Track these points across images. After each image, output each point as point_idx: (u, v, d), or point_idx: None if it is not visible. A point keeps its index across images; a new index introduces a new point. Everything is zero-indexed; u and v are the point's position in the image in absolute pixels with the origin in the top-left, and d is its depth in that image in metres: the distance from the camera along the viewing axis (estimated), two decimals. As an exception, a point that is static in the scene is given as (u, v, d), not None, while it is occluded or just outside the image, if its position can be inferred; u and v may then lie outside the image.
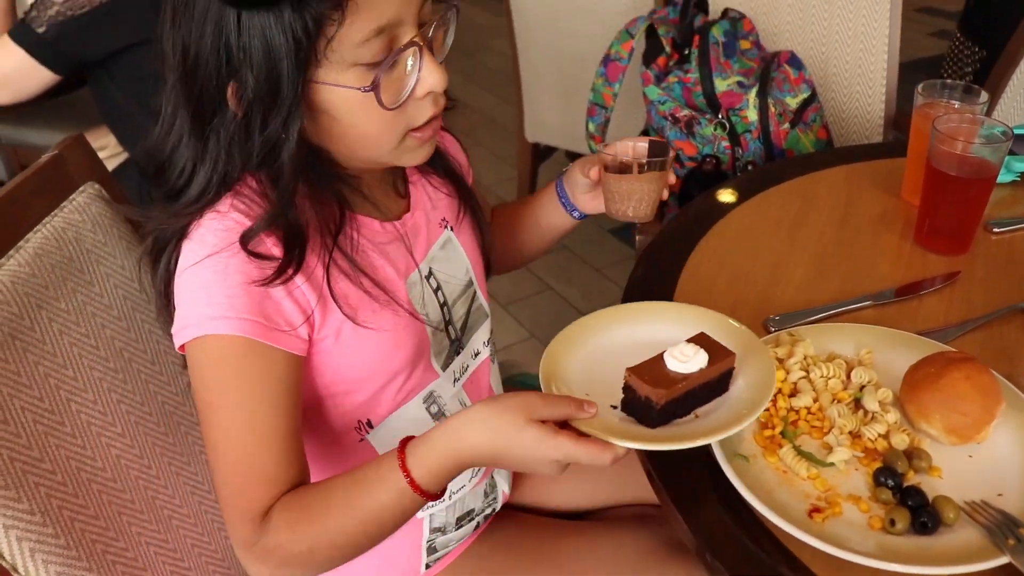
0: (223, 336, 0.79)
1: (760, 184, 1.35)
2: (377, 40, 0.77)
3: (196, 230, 0.82)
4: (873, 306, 1.07)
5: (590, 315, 0.96)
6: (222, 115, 0.79)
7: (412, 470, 0.78)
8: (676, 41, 1.64)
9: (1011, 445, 0.85)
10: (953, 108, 1.25)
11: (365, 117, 0.81)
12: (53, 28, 1.62)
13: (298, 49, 0.74)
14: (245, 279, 0.79)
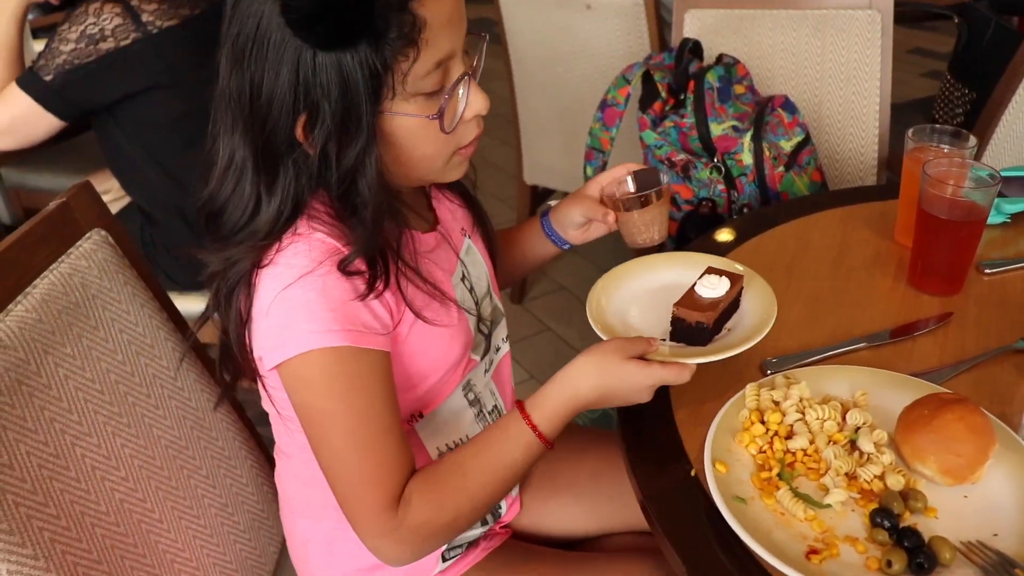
0: (331, 348, 0.85)
1: (755, 227, 1.37)
2: (436, 72, 0.85)
3: (278, 256, 0.87)
4: (868, 348, 1.09)
5: (608, 274, 1.15)
6: (292, 149, 0.85)
7: (538, 424, 0.92)
8: (672, 86, 1.67)
9: (1006, 485, 0.86)
10: (942, 152, 1.28)
11: (424, 141, 0.89)
12: (60, 76, 1.65)
13: (373, 83, 0.81)
14: (344, 295, 0.86)
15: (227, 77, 0.86)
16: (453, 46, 0.86)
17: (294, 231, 0.87)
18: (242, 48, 0.83)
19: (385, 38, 0.79)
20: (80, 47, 1.63)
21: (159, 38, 1.66)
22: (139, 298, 1.05)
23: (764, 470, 0.88)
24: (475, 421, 1.07)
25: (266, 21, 0.80)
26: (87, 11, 1.64)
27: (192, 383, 1.09)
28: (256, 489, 1.17)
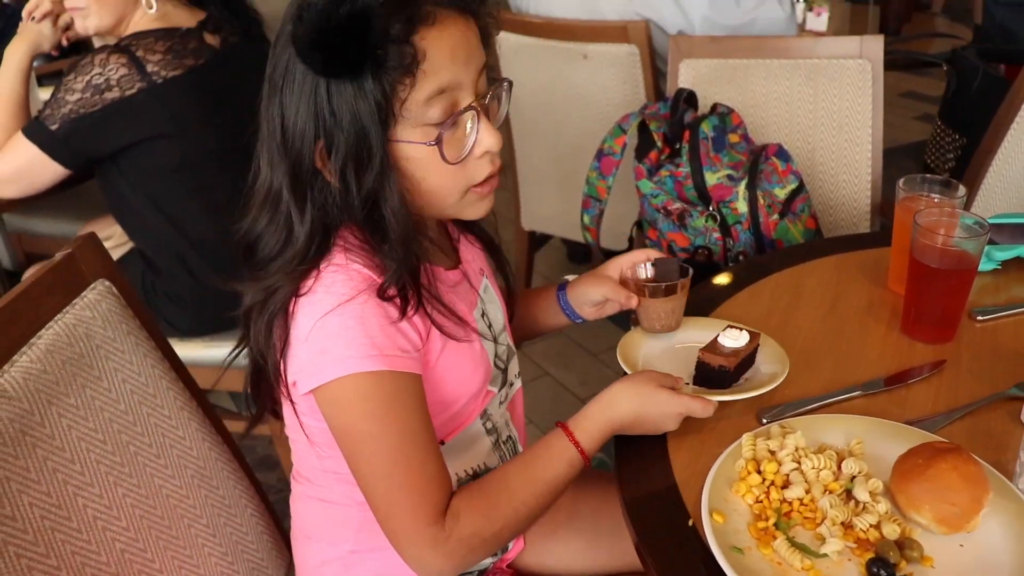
0: (368, 373, 0.89)
1: (751, 275, 1.39)
2: (439, 100, 0.90)
3: (317, 284, 0.91)
4: (863, 396, 1.10)
5: (635, 330, 1.24)
6: (316, 176, 0.91)
7: (580, 440, 0.98)
8: (667, 136, 1.70)
9: (1001, 533, 0.87)
10: (933, 202, 1.30)
11: (432, 172, 0.93)
12: (65, 125, 1.68)
13: (379, 111, 0.87)
14: (380, 322, 0.90)
15: (264, 111, 0.92)
16: (457, 78, 0.90)
17: (330, 261, 0.92)
18: (275, 82, 0.90)
19: (385, 67, 0.85)
20: (85, 97, 1.66)
21: (163, 88, 1.69)
22: (142, 348, 1.06)
23: (761, 520, 0.89)
24: (492, 450, 1.11)
25: (290, 56, 0.88)
26: (92, 61, 1.67)
27: (194, 432, 1.10)
28: (256, 537, 1.17)
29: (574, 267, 3.29)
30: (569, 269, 3.29)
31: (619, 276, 1.23)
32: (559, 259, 3.34)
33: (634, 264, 1.23)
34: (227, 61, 1.80)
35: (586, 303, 1.24)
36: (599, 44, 2.20)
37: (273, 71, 0.91)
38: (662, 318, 1.20)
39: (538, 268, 3.16)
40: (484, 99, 0.95)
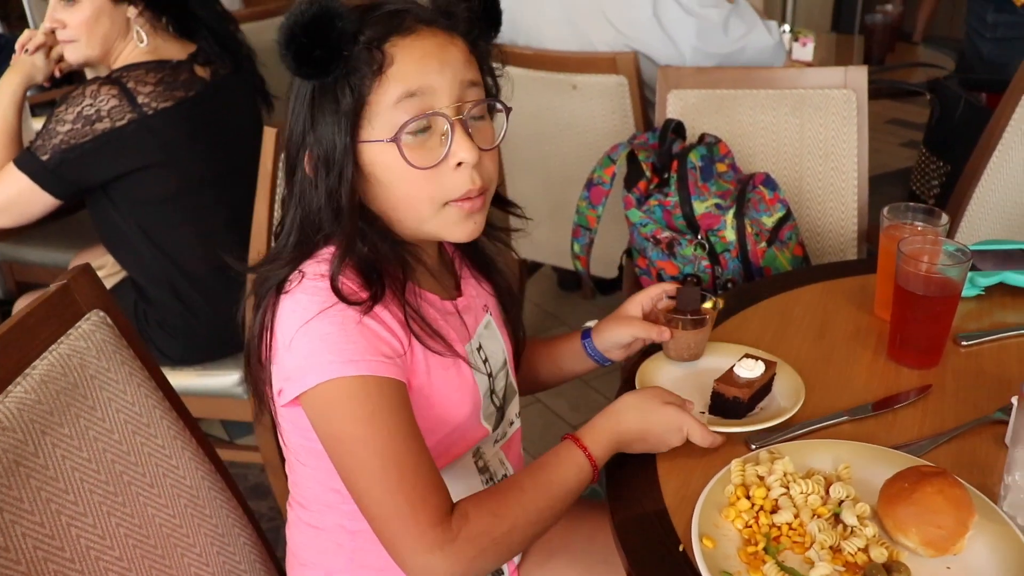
0: (352, 377, 0.90)
1: (739, 302, 1.40)
2: (408, 103, 0.92)
3: (299, 289, 0.94)
4: (850, 421, 1.11)
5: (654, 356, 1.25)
6: (302, 177, 0.97)
7: (589, 447, 0.99)
8: (656, 166, 1.72)
9: (986, 556, 0.88)
10: (916, 230, 1.32)
11: (400, 177, 0.95)
12: (56, 156, 1.69)
13: (348, 112, 0.92)
14: (364, 327, 0.92)
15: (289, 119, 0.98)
16: (428, 82, 0.93)
17: (317, 269, 0.95)
18: (291, 93, 0.97)
19: (352, 69, 0.91)
20: (76, 127, 1.68)
21: (154, 119, 1.71)
22: (136, 377, 1.07)
23: (750, 544, 0.90)
24: (482, 487, 1.10)
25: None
26: (84, 93, 1.69)
27: (187, 461, 1.11)
28: (249, 566, 1.17)
29: (565, 295, 3.31)
30: (560, 297, 3.31)
31: (643, 312, 1.24)
32: (550, 286, 3.36)
33: (654, 299, 1.24)
34: (218, 92, 1.82)
35: (614, 346, 1.24)
36: (588, 75, 2.23)
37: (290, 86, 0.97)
38: (691, 348, 1.22)
39: (529, 295, 3.18)
40: (465, 108, 0.96)
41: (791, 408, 1.11)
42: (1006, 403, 1.11)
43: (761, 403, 1.14)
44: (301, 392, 0.92)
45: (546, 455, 0.99)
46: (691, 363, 1.23)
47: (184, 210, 1.83)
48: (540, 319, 3.17)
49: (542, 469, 0.98)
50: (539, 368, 1.31)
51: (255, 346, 0.99)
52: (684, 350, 1.22)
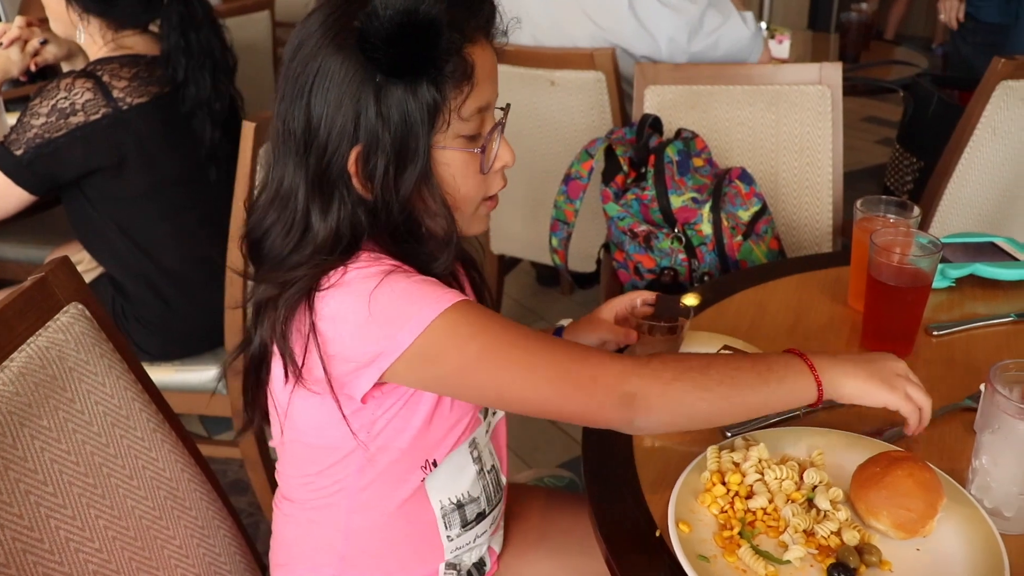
0: (444, 312, 0.88)
1: (715, 295, 1.42)
2: (477, 117, 0.94)
3: (347, 276, 0.90)
4: (824, 409, 1.13)
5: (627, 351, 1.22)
6: (344, 178, 0.92)
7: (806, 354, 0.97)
8: (633, 160, 1.73)
9: (954, 537, 0.90)
10: (888, 222, 1.34)
11: (465, 179, 0.96)
12: (31, 150, 1.68)
13: (430, 114, 0.89)
14: (424, 279, 0.91)
15: (285, 111, 0.92)
16: (490, 98, 0.95)
17: (357, 260, 0.92)
18: (302, 86, 0.90)
19: (443, 74, 0.89)
20: (51, 121, 1.66)
21: (129, 114, 1.70)
22: (115, 370, 1.07)
23: (726, 529, 0.92)
24: (476, 479, 1.10)
25: (330, 60, 0.89)
26: (59, 86, 1.68)
27: (167, 454, 1.11)
28: (229, 559, 1.17)
29: (544, 290, 3.32)
30: (539, 292, 3.32)
31: (614, 317, 1.26)
32: (529, 282, 3.37)
33: (631, 305, 1.26)
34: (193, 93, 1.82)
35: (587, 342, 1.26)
36: (566, 71, 2.24)
37: (300, 72, 0.91)
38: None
39: (508, 291, 3.19)
40: (502, 119, 0.99)
41: None
42: (975, 391, 1.13)
43: None
44: (397, 356, 0.88)
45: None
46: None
47: (160, 206, 1.82)
48: (519, 314, 3.18)
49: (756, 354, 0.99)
50: None
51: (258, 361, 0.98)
52: None
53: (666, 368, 0.91)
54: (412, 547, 1.08)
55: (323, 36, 0.90)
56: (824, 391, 0.95)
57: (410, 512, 1.05)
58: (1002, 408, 0.91)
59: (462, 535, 1.09)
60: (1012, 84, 1.99)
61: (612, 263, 1.81)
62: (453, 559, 1.11)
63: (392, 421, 0.98)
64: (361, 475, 1.02)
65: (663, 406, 0.91)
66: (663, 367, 0.91)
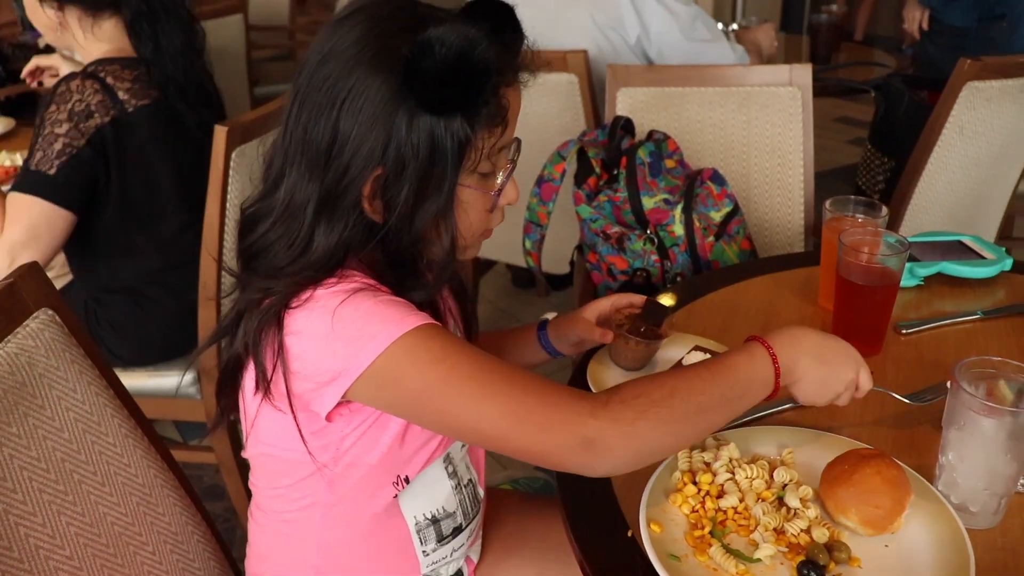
0: (406, 334, 0.86)
1: (688, 295, 1.43)
2: (498, 155, 0.94)
3: (315, 295, 0.89)
4: (794, 408, 1.14)
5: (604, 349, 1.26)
6: (359, 200, 0.90)
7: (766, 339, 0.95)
8: (605, 162, 1.74)
9: (922, 533, 0.91)
10: (857, 222, 1.36)
11: (471, 217, 0.95)
12: (62, 168, 1.63)
13: (459, 150, 0.88)
14: (390, 298, 0.89)
15: (307, 122, 0.89)
16: (510, 141, 0.95)
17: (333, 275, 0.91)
18: (331, 102, 0.87)
19: (479, 113, 0.88)
20: (72, 126, 1.63)
21: (133, 117, 1.69)
22: (86, 376, 1.06)
23: (697, 528, 0.92)
24: (452, 493, 1.09)
25: (365, 81, 0.86)
26: (69, 88, 1.65)
27: (139, 459, 1.10)
28: (203, 564, 1.17)
29: (519, 292, 3.33)
30: (513, 294, 3.33)
31: (597, 317, 1.26)
32: (504, 284, 3.37)
33: (617, 308, 1.26)
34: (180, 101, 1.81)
35: (565, 343, 1.27)
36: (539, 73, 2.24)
37: (326, 85, 0.88)
38: (635, 361, 1.22)
39: (483, 293, 3.19)
40: (513, 156, 0.98)
41: None
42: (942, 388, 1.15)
43: None
44: (357, 376, 0.86)
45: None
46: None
47: (144, 212, 1.81)
48: (495, 317, 3.18)
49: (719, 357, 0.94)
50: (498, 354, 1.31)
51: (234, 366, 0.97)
52: (629, 361, 1.23)
53: (627, 408, 0.85)
54: (387, 561, 1.07)
55: (361, 52, 0.87)
56: (779, 390, 0.95)
57: (383, 527, 1.04)
58: (967, 405, 0.92)
59: (438, 549, 1.08)
60: (978, 85, 2.02)
61: (585, 265, 1.82)
62: (430, 572, 1.10)
63: (362, 439, 0.96)
64: (331, 490, 1.01)
65: (626, 448, 0.85)
66: (624, 407, 0.85)
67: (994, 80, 2.03)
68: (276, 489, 1.05)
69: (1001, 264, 1.43)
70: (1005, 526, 0.95)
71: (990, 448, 0.92)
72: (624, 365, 1.23)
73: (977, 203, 2.29)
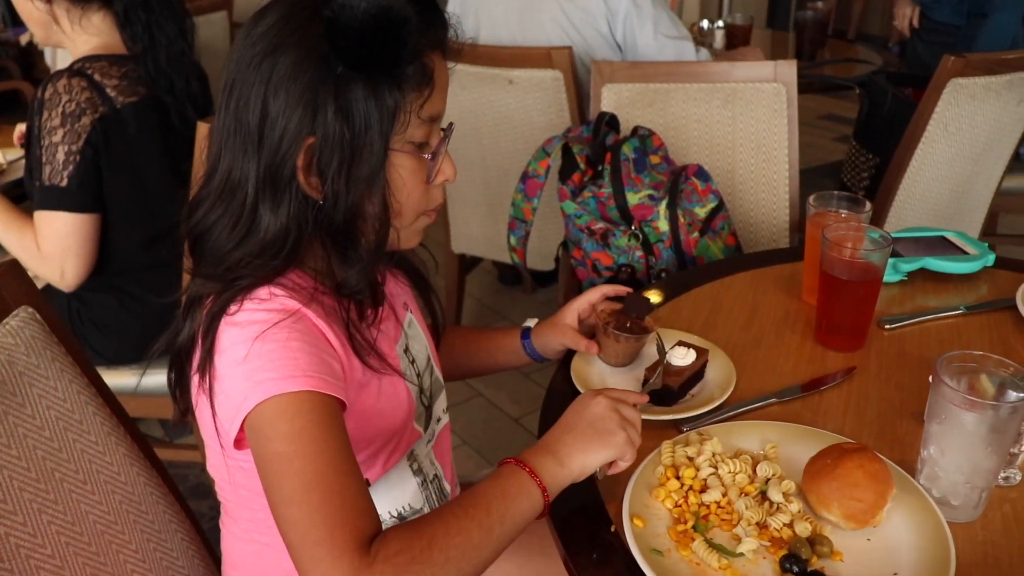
0: (290, 393, 0.84)
1: (672, 291, 1.43)
2: (429, 125, 0.94)
3: (241, 315, 0.88)
4: (778, 403, 1.14)
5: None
6: (294, 175, 0.89)
7: (523, 457, 0.90)
8: (590, 158, 1.74)
9: (904, 526, 0.92)
10: (840, 217, 1.36)
11: (410, 187, 0.95)
12: (73, 176, 1.65)
13: (388, 115, 0.88)
14: (305, 344, 0.87)
15: (238, 100, 0.89)
16: (442, 109, 0.95)
17: (256, 295, 0.89)
18: (263, 73, 0.88)
19: (406, 75, 0.88)
20: (67, 129, 1.64)
21: (122, 113, 1.69)
22: (67, 374, 1.05)
23: (680, 523, 0.92)
24: (419, 490, 1.09)
25: (292, 42, 0.87)
26: (57, 90, 1.64)
27: (122, 458, 1.09)
28: (187, 562, 1.16)
29: (505, 289, 3.33)
30: (500, 292, 3.32)
31: (577, 319, 1.26)
32: (490, 282, 3.37)
33: (590, 305, 1.26)
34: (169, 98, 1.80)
35: (550, 351, 1.27)
36: (524, 70, 2.25)
37: (255, 63, 0.88)
38: (622, 358, 1.22)
39: (469, 290, 3.19)
40: (449, 132, 0.99)
41: (721, 396, 1.13)
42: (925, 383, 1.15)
43: (692, 390, 1.17)
44: (244, 418, 0.85)
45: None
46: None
47: (132, 212, 1.80)
48: (480, 314, 3.18)
49: (467, 493, 0.87)
50: (473, 357, 1.31)
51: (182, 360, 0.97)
52: (615, 358, 1.22)
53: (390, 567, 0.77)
54: None
55: (285, 27, 0.88)
56: (550, 494, 0.89)
57: None
58: (948, 399, 0.92)
59: None
60: (961, 82, 2.03)
61: (570, 261, 1.82)
62: None
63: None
64: None
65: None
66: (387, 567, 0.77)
67: (978, 77, 2.04)
68: (239, 495, 1.04)
69: (984, 260, 1.44)
70: (986, 519, 0.95)
71: (971, 442, 0.92)
72: (612, 362, 1.23)
73: (961, 199, 2.30)
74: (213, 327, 0.90)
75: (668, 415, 1.10)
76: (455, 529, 0.82)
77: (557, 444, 0.92)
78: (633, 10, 2.29)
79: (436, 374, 1.16)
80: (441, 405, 1.16)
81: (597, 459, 0.92)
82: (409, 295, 1.15)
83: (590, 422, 0.93)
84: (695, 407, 1.12)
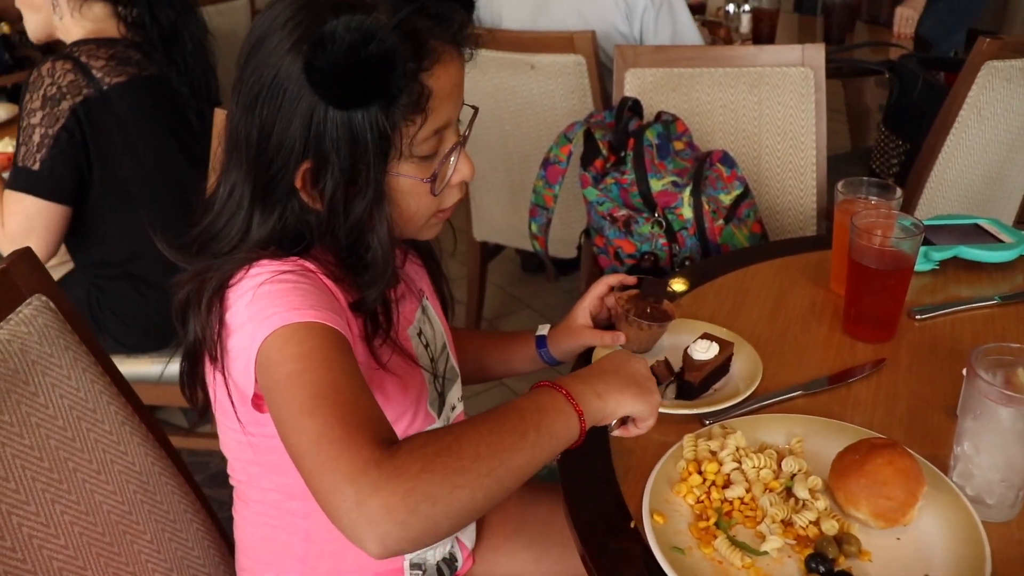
0: (298, 323, 0.82)
1: (696, 279, 1.40)
2: (434, 138, 0.91)
3: (246, 280, 0.88)
4: (804, 395, 1.11)
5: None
6: (291, 193, 0.89)
7: (558, 381, 0.86)
8: (612, 144, 1.71)
9: (935, 526, 0.89)
10: (870, 204, 1.33)
11: (415, 200, 0.94)
12: (46, 160, 1.64)
13: (382, 143, 0.86)
14: (311, 287, 0.87)
15: (238, 119, 0.89)
16: (451, 116, 0.92)
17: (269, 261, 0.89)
18: (256, 94, 0.87)
19: (396, 103, 0.85)
20: (46, 112, 1.64)
21: (110, 94, 1.68)
22: (81, 363, 1.04)
23: (702, 519, 0.90)
24: None
25: (284, 73, 0.85)
26: (41, 73, 1.65)
27: (136, 447, 1.09)
28: (203, 552, 1.15)
29: (529, 277, 3.30)
30: (523, 279, 3.30)
31: (591, 316, 1.24)
32: (513, 269, 3.35)
33: (599, 299, 1.24)
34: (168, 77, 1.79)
35: (568, 354, 1.25)
36: (546, 55, 2.22)
37: (252, 82, 0.87)
38: (644, 343, 1.20)
39: (491, 278, 3.17)
40: (466, 131, 0.96)
41: (745, 390, 1.11)
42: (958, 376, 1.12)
43: (716, 384, 1.14)
44: (255, 355, 0.82)
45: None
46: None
47: (137, 195, 1.79)
48: (504, 302, 3.16)
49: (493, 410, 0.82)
50: (488, 362, 1.30)
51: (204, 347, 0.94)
52: (639, 344, 1.20)
53: (413, 458, 0.72)
54: None
55: (280, 41, 0.86)
56: (587, 421, 0.84)
57: None
58: (984, 393, 0.89)
59: None
60: (997, 64, 1.97)
61: (592, 248, 1.79)
62: (416, 559, 1.09)
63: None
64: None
65: (407, 509, 0.70)
66: (411, 457, 0.72)
67: (1015, 59, 1.99)
68: (249, 474, 1.05)
69: (1019, 248, 1.40)
70: (1022, 519, 0.92)
71: (1007, 438, 0.89)
72: (635, 349, 1.20)
73: (995, 185, 2.24)
74: (216, 305, 0.89)
75: (691, 409, 1.08)
76: (486, 429, 0.77)
77: (595, 379, 0.89)
78: (651, 7, 2.26)
79: (452, 363, 1.15)
80: (456, 394, 1.15)
81: (630, 407, 0.89)
82: (426, 282, 1.14)
83: (630, 373, 0.91)
84: (718, 401, 1.09)
